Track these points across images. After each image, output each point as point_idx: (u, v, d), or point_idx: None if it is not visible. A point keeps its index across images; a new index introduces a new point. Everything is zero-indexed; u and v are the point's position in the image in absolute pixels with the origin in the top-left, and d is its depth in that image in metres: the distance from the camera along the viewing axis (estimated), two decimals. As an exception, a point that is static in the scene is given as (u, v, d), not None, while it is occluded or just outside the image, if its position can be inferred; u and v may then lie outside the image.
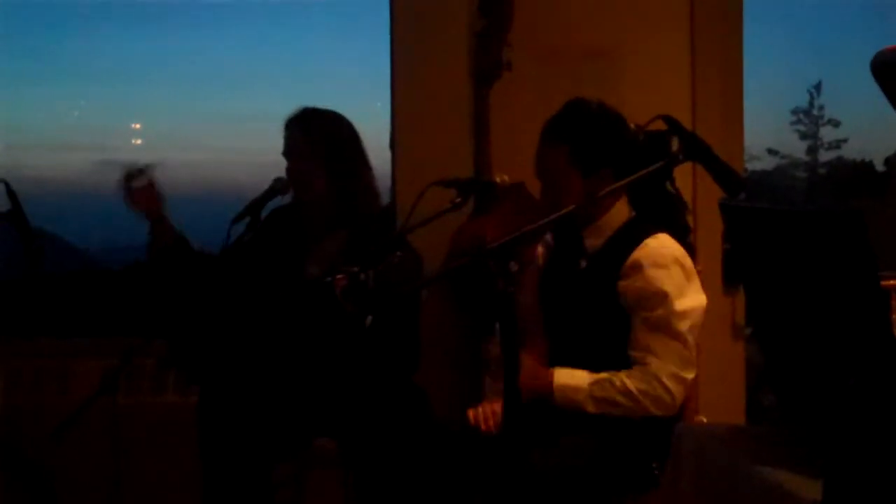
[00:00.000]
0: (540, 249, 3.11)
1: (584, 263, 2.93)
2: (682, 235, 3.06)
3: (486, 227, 3.64)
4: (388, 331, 2.97)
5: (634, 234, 2.88)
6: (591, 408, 2.78)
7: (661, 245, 2.85)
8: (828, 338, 1.63)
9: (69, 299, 4.73)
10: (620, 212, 2.94)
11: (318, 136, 3.33)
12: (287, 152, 3.35)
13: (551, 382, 2.81)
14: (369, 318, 2.59)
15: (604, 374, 2.79)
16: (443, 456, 2.98)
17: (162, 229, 3.30)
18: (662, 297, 2.78)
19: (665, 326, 2.78)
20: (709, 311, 3.05)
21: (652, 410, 2.76)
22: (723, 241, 4.01)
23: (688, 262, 2.86)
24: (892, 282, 3.96)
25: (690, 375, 2.80)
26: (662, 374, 2.76)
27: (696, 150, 2.42)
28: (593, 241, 2.93)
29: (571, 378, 2.81)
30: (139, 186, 3.26)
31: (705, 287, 3.06)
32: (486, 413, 3.04)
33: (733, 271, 4.02)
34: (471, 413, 3.02)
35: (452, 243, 3.74)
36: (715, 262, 3.98)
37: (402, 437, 3.13)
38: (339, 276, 2.63)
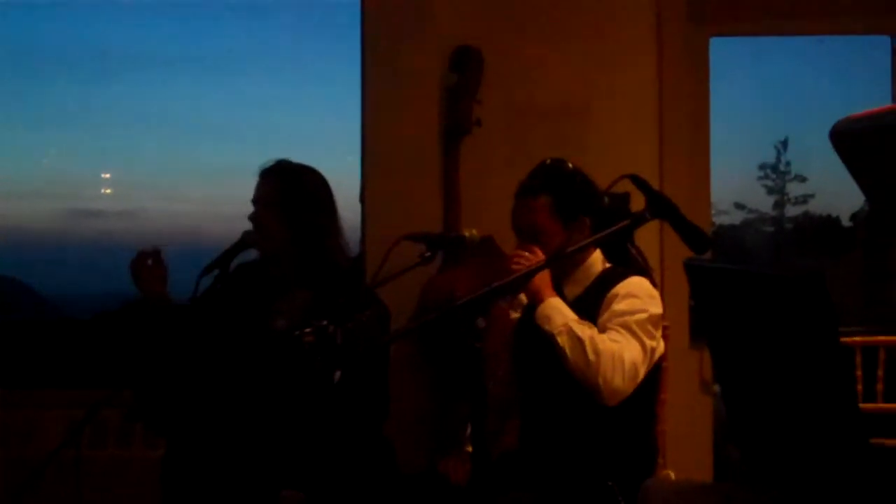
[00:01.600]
0: (513, 314, 3.16)
1: None
2: None
3: (454, 281, 3.66)
4: (356, 384, 2.97)
5: (614, 277, 2.97)
6: (561, 338, 2.82)
7: (639, 282, 2.95)
8: (791, 395, 1.65)
9: (35, 348, 4.70)
10: (597, 263, 3.02)
11: (285, 187, 3.33)
12: (254, 200, 3.35)
13: (549, 296, 2.87)
14: (338, 374, 2.60)
15: (588, 324, 2.84)
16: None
17: (160, 306, 3.29)
18: (635, 311, 2.87)
19: (633, 330, 2.85)
20: (676, 365, 3.09)
21: (599, 381, 2.79)
22: (690, 297, 4.04)
23: (660, 307, 2.93)
24: (857, 338, 4.05)
25: (639, 379, 2.83)
26: (626, 359, 2.80)
27: (663, 209, 2.46)
28: (573, 290, 3.01)
29: (563, 308, 2.86)
30: (149, 267, 3.25)
31: (673, 342, 3.11)
32: (456, 465, 3.04)
33: (700, 327, 4.06)
34: (441, 464, 3.01)
35: (421, 297, 3.76)
36: (682, 317, 4.02)
37: (369, 488, 3.12)
38: (307, 331, 2.63)
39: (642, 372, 2.84)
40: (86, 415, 3.09)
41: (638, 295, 2.90)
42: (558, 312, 2.86)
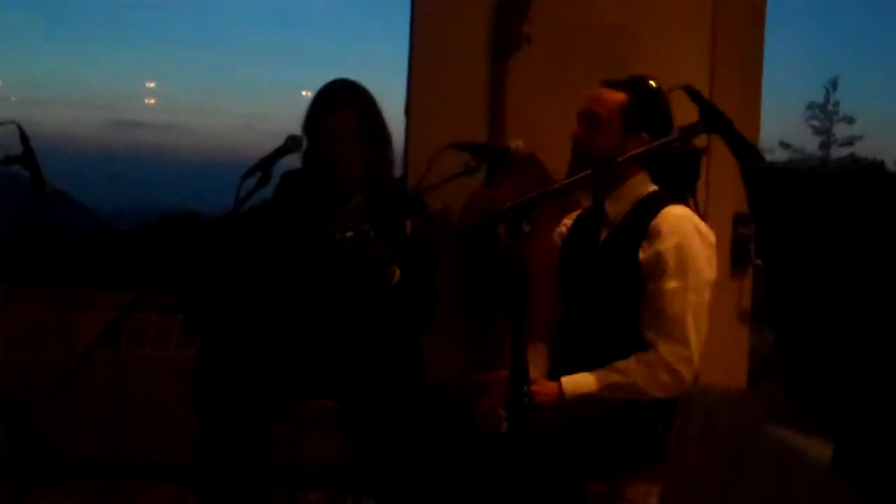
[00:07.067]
0: (561, 227, 3.13)
1: (604, 235, 2.94)
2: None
3: (497, 196, 3.63)
4: (412, 284, 2.99)
5: (655, 204, 2.89)
6: (603, 404, 2.78)
7: (682, 215, 2.86)
8: (855, 312, 1.58)
9: (77, 255, 4.74)
10: (643, 184, 2.94)
11: (366, 119, 3.32)
12: (330, 132, 3.30)
13: (560, 389, 2.81)
14: (397, 272, 2.60)
15: (613, 376, 2.79)
16: (443, 422, 2.97)
17: None
18: (678, 267, 2.79)
19: (678, 299, 2.78)
20: (716, 293, 3.04)
21: (662, 395, 2.77)
22: (733, 226, 4.00)
23: (707, 233, 2.87)
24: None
25: (698, 353, 2.80)
26: (671, 359, 2.77)
27: (717, 122, 2.39)
28: (615, 208, 2.94)
29: (579, 386, 2.81)
30: None
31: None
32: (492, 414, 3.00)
33: (742, 254, 4.03)
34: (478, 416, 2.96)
35: (464, 212, 3.74)
36: (724, 244, 3.96)
37: (403, 401, 3.12)
38: (348, 234, 2.63)
39: (699, 343, 2.80)
40: (122, 314, 3.11)
41: (682, 233, 2.81)
42: (580, 390, 2.80)
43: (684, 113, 2.71)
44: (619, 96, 2.91)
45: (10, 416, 4.03)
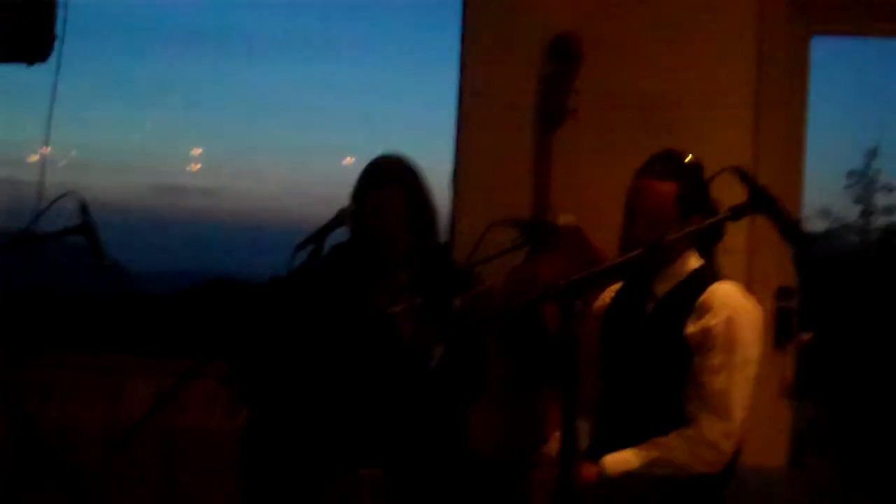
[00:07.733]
0: (603, 299, 3.14)
1: (650, 308, 2.95)
2: None
3: (539, 270, 3.65)
4: (460, 360, 3.01)
5: (704, 279, 2.91)
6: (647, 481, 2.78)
7: (732, 291, 2.88)
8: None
9: (122, 319, 4.80)
10: (691, 261, 2.95)
11: (413, 197, 3.35)
12: (380, 211, 3.34)
13: (600, 467, 2.81)
14: (439, 350, 2.62)
15: (654, 452, 2.80)
16: (487, 494, 2.98)
17: None
18: (726, 342, 2.80)
19: (724, 374, 2.79)
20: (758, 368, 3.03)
21: (703, 470, 2.78)
22: (776, 298, 4.01)
23: (755, 310, 2.88)
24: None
25: (740, 428, 2.80)
26: (713, 434, 2.77)
27: (765, 203, 2.41)
28: (663, 287, 2.94)
29: (620, 463, 2.81)
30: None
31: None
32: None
33: (785, 328, 4.03)
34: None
35: (507, 284, 3.76)
36: (767, 317, 3.96)
37: (447, 472, 3.13)
38: (399, 307, 2.66)
39: (741, 419, 2.81)
40: (176, 382, 3.14)
41: (732, 308, 2.82)
42: (622, 467, 2.80)
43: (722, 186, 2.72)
44: (670, 187, 2.86)
45: (61, 476, 4.06)
